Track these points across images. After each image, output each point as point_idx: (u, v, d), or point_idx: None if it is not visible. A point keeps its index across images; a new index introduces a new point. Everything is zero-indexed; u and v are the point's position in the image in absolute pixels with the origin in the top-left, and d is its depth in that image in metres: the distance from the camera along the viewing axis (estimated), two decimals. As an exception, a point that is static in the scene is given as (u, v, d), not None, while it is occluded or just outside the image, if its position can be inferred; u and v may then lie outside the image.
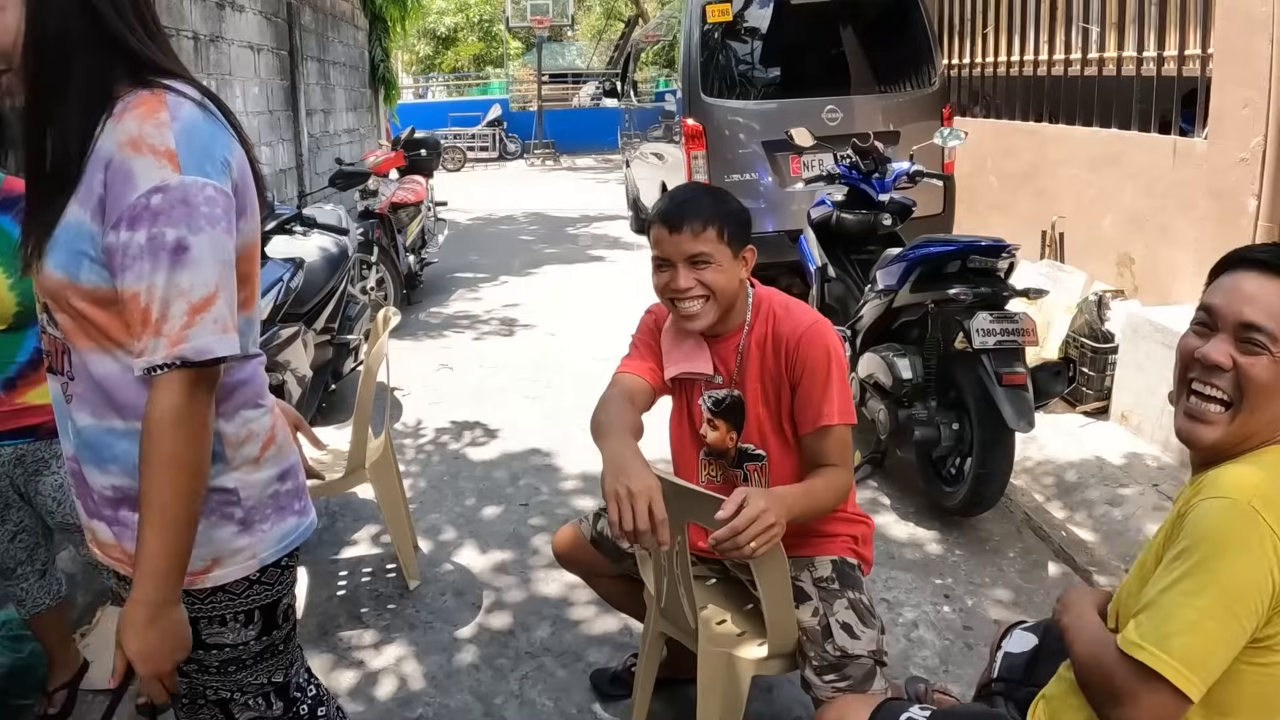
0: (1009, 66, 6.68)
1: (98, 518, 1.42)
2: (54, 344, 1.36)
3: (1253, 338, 1.34)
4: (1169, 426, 3.95)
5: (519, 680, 2.72)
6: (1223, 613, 1.23)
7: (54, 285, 1.27)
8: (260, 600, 1.47)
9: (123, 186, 1.20)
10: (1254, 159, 4.00)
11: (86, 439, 1.36)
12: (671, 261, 2.01)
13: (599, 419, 1.96)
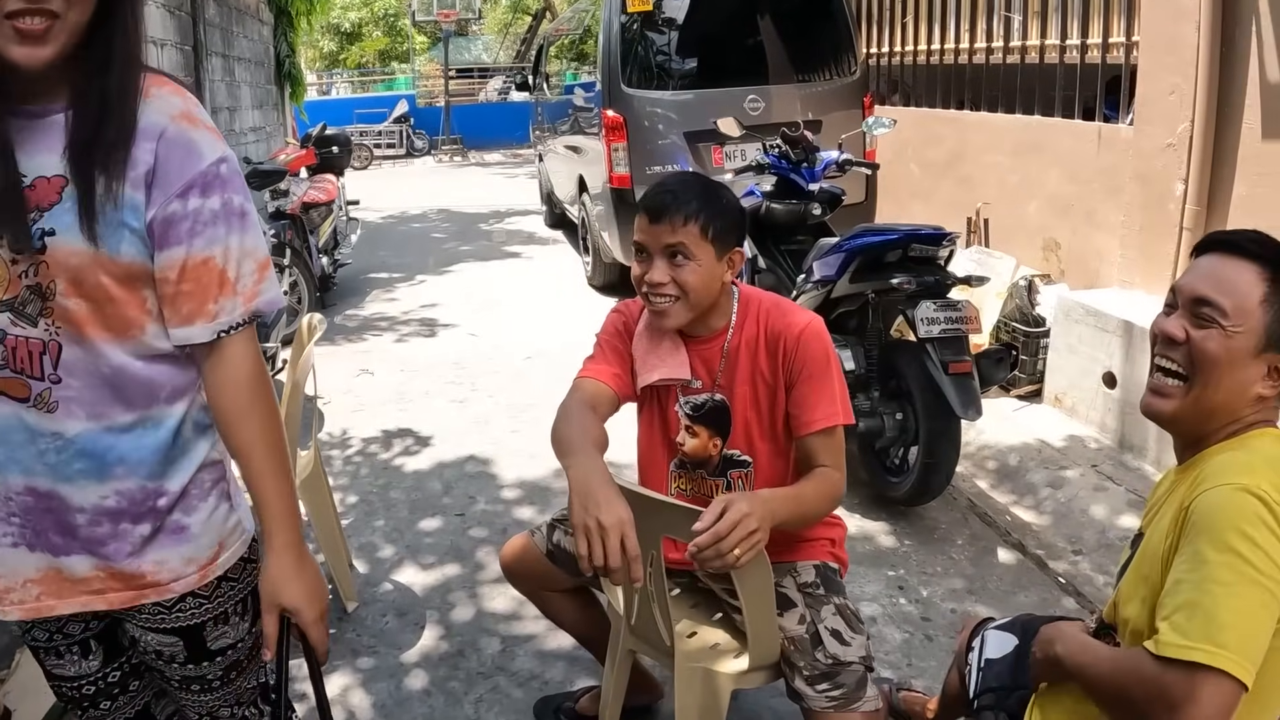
0: (929, 55, 6.72)
1: (72, 552, 1.31)
2: (29, 346, 1.22)
3: (1203, 312, 1.37)
4: (1103, 408, 4.05)
5: (474, 704, 2.56)
6: (1264, 595, 1.22)
7: (80, 263, 1.19)
8: (251, 582, 1.46)
9: (185, 156, 1.22)
10: (1181, 144, 4.05)
11: (82, 448, 1.26)
12: (649, 252, 1.89)
13: (562, 432, 1.81)
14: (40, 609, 1.34)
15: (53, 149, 1.19)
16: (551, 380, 5.24)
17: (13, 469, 1.27)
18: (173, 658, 1.42)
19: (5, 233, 1.17)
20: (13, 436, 1.25)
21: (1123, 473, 3.78)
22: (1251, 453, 1.34)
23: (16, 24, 1.09)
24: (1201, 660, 1.20)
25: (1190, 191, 4.01)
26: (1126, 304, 4.19)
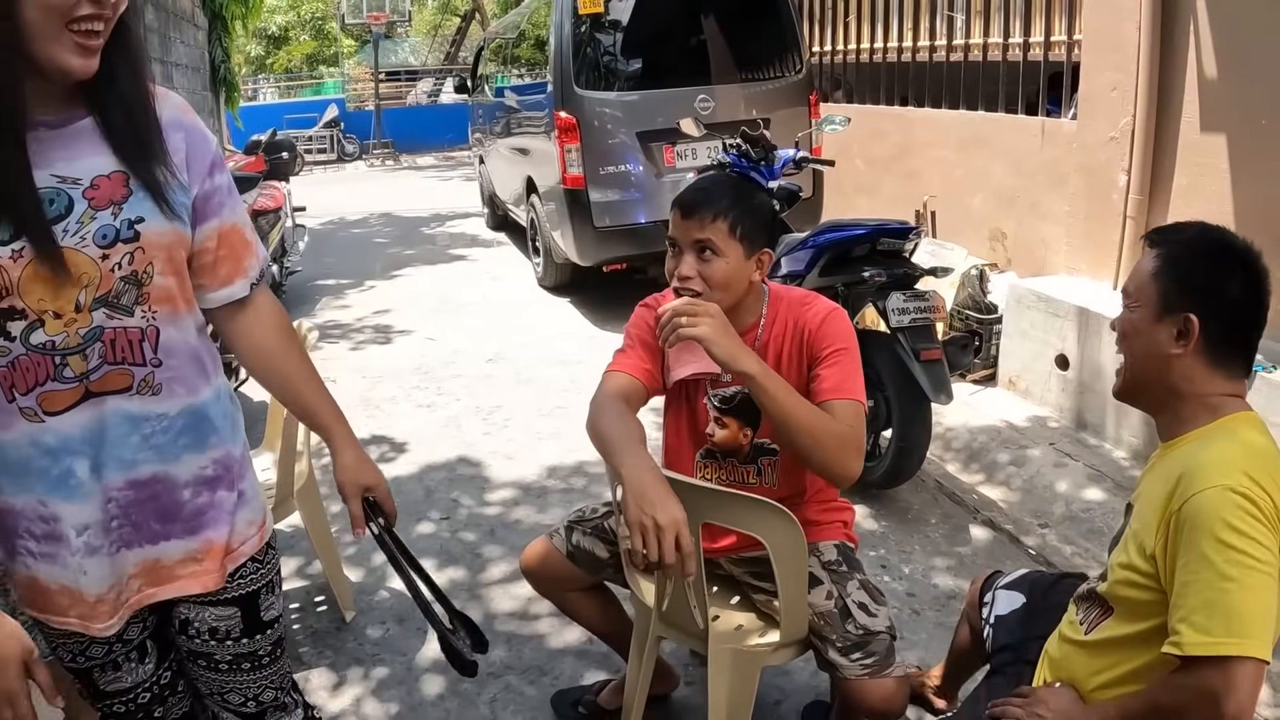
0: (872, 53, 6.90)
1: (171, 536, 1.40)
2: (129, 335, 1.30)
3: (1125, 300, 1.60)
4: (1057, 389, 4.24)
5: (489, 704, 2.60)
6: (1266, 579, 1.34)
7: (168, 242, 1.32)
8: (276, 561, 1.60)
9: (203, 143, 1.40)
10: (1123, 137, 4.26)
11: (185, 423, 1.37)
12: (679, 246, 1.96)
13: (604, 428, 1.87)
14: (145, 599, 1.41)
15: (96, 151, 1.27)
16: (517, 382, 5.29)
17: (113, 468, 1.32)
18: (228, 633, 1.50)
19: (29, 235, 1.21)
20: (111, 433, 1.31)
21: (1080, 449, 3.97)
22: (1229, 443, 1.45)
23: (77, 36, 1.17)
24: (1232, 653, 1.30)
25: (1133, 182, 4.23)
26: (1075, 290, 4.40)
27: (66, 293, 1.24)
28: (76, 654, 1.46)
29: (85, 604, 1.37)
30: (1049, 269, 5.03)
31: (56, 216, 1.23)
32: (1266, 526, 1.35)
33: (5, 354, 1.25)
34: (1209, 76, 3.92)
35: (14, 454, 1.29)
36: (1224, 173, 3.84)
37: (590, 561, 2.24)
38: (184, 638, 1.51)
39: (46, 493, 1.30)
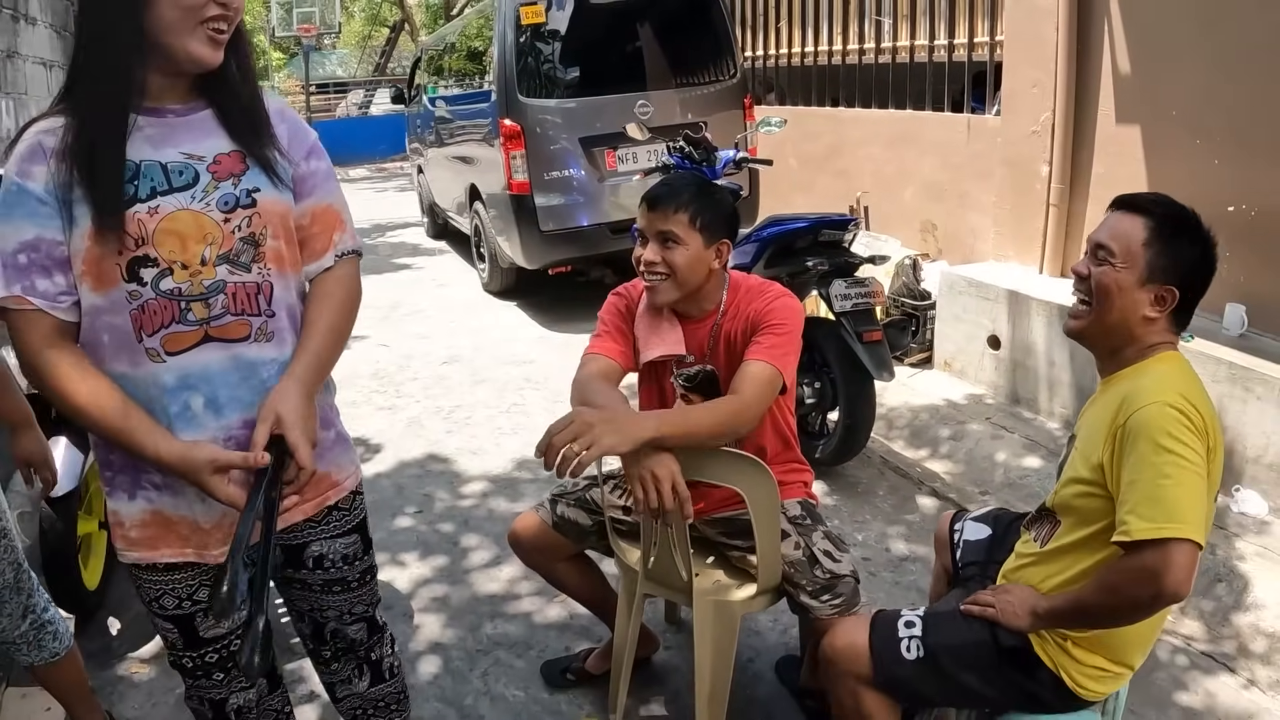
0: (803, 57, 7.18)
1: None
2: (247, 289, 1.48)
3: (1100, 254, 1.74)
4: (990, 368, 4.53)
5: (481, 677, 2.74)
6: (1197, 478, 1.57)
7: (280, 210, 1.52)
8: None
9: (302, 132, 1.60)
10: (1044, 131, 4.55)
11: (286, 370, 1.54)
12: (646, 235, 2.18)
13: (594, 400, 2.06)
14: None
15: (213, 134, 1.49)
16: (473, 382, 5.43)
17: (232, 408, 1.49)
18: (354, 556, 1.76)
19: (99, 202, 1.38)
20: (231, 377, 1.49)
21: (1015, 422, 4.25)
22: (1162, 373, 1.70)
23: (209, 31, 1.38)
24: (1170, 535, 1.50)
25: (1054, 172, 4.53)
26: (1004, 274, 4.68)
27: (193, 248, 1.43)
28: (183, 599, 1.61)
29: (202, 532, 1.53)
30: (978, 256, 5.32)
31: (184, 185, 1.43)
32: (1196, 436, 1.58)
33: (137, 298, 1.42)
34: (1123, 72, 4.23)
35: (141, 392, 1.45)
36: (1139, 161, 4.15)
37: (575, 530, 2.41)
38: (320, 572, 1.73)
39: (168, 427, 1.45)
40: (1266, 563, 2.95)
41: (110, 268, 1.40)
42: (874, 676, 1.83)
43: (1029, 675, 1.76)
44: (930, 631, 1.83)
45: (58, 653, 2.23)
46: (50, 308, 1.41)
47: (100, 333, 1.44)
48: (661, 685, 2.67)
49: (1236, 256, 3.64)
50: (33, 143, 1.40)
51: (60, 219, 1.39)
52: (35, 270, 1.40)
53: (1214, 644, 2.76)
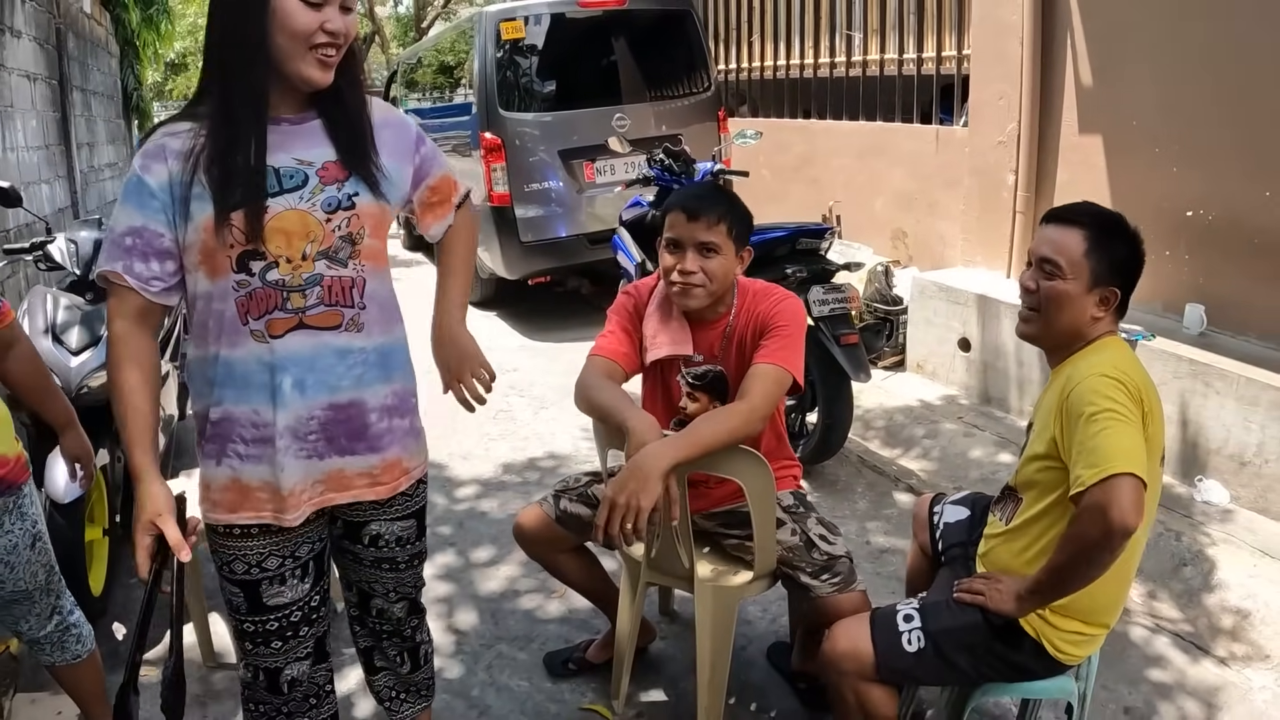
0: (775, 70, 7.35)
1: (357, 452, 1.72)
2: (342, 283, 1.65)
3: (1046, 268, 1.91)
4: (962, 370, 4.70)
5: (486, 670, 2.83)
6: (1130, 426, 1.73)
7: (376, 213, 1.68)
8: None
9: (406, 130, 1.79)
10: (1010, 142, 4.75)
11: (377, 357, 1.71)
12: (683, 246, 2.24)
13: (599, 397, 2.20)
14: (323, 502, 1.73)
15: (322, 143, 1.65)
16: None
17: (320, 391, 1.65)
18: (409, 539, 1.91)
19: (244, 202, 1.55)
20: (320, 362, 1.64)
21: (986, 421, 4.41)
22: (1102, 354, 1.88)
23: (318, 56, 1.55)
24: (1109, 472, 1.64)
25: (1020, 180, 4.72)
26: (973, 279, 4.87)
27: (297, 244, 1.59)
28: (252, 565, 1.73)
29: (280, 498, 1.66)
30: (947, 262, 5.50)
31: (294, 187, 1.59)
32: (1129, 398, 1.75)
33: (246, 286, 1.58)
34: (1085, 85, 4.43)
35: (241, 369, 1.62)
36: (1100, 169, 4.35)
37: (577, 524, 2.52)
38: (373, 549, 1.87)
39: (262, 402, 1.62)
40: (1230, 547, 3.12)
41: (222, 260, 1.57)
42: (877, 672, 1.94)
43: (1015, 647, 1.89)
44: (929, 620, 1.95)
45: (80, 655, 2.29)
46: (141, 289, 1.59)
47: (208, 317, 1.62)
48: (659, 673, 2.78)
49: (1195, 259, 3.84)
50: (159, 143, 1.58)
51: (167, 214, 1.57)
52: (135, 254, 1.58)
53: (1182, 623, 2.92)
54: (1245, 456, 3.35)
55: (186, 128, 1.58)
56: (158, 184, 1.56)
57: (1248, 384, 3.33)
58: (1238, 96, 3.73)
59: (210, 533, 1.76)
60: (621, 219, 5.64)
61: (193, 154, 1.56)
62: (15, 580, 2.08)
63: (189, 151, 1.56)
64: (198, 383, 1.70)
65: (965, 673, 1.95)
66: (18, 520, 2.04)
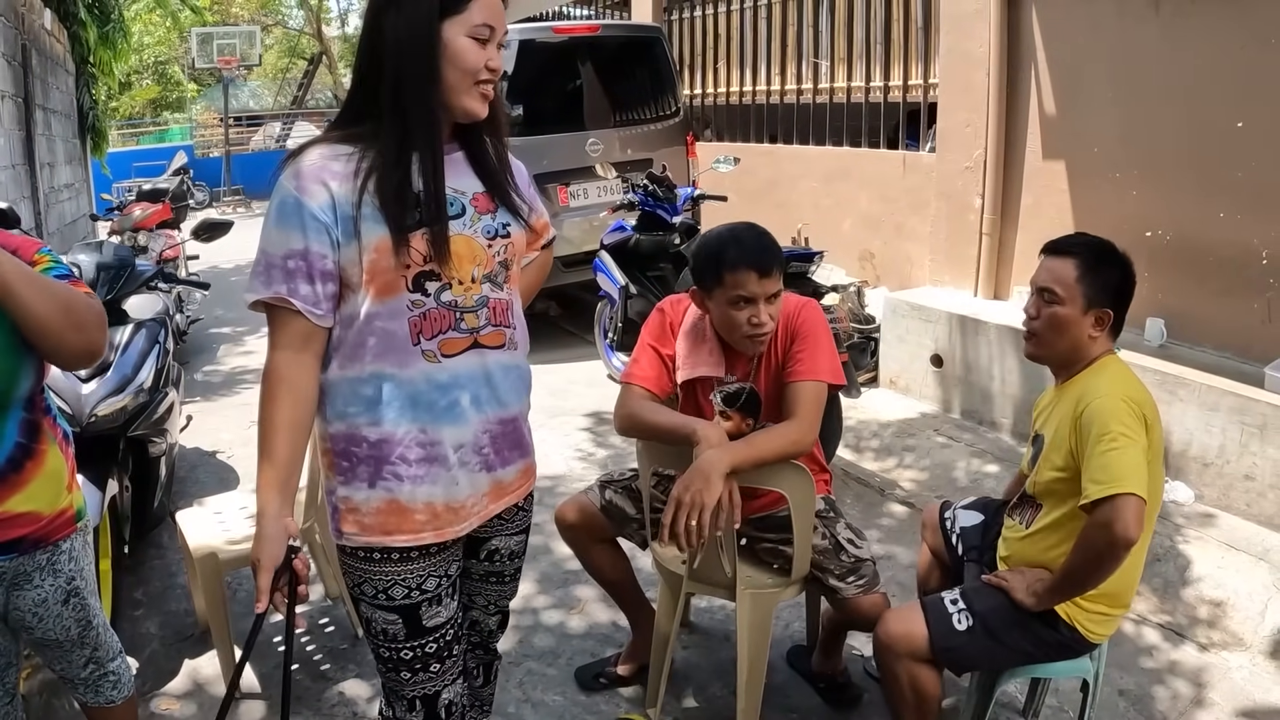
0: (741, 96, 7.58)
1: (513, 461, 1.81)
2: (502, 304, 1.73)
3: (1046, 296, 2.15)
4: (934, 385, 4.93)
5: (519, 686, 2.91)
6: (1137, 450, 1.95)
7: (521, 242, 1.79)
8: None
9: (522, 170, 1.86)
10: (977, 167, 5.01)
11: (524, 374, 1.81)
12: (755, 300, 2.28)
13: (654, 419, 2.35)
14: (487, 514, 1.79)
15: (467, 175, 1.73)
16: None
17: (493, 406, 1.72)
18: (519, 553, 1.98)
19: (426, 224, 1.62)
20: (495, 378, 1.72)
21: (962, 432, 4.63)
22: (1108, 375, 2.10)
23: (481, 90, 1.64)
24: (1114, 491, 1.87)
25: (987, 204, 4.98)
26: (942, 298, 5.10)
27: (466, 267, 1.67)
28: (413, 588, 1.72)
29: (449, 513, 1.70)
30: (914, 282, 5.74)
31: (456, 214, 1.67)
32: (1135, 419, 1.98)
33: (420, 306, 1.63)
34: (1049, 113, 4.71)
35: (408, 389, 1.64)
36: (1064, 193, 4.62)
37: (620, 515, 2.66)
38: (488, 564, 1.93)
39: (432, 421, 1.66)
40: (1200, 543, 3.38)
41: (395, 279, 1.60)
42: (931, 651, 2.12)
43: (1053, 628, 2.10)
44: (974, 602, 2.14)
45: (114, 700, 2.23)
46: (307, 311, 1.59)
47: (368, 336, 1.63)
48: (687, 680, 2.91)
49: (1155, 276, 4.11)
50: (317, 164, 1.60)
51: (331, 235, 1.58)
52: (300, 276, 1.58)
53: (1162, 614, 3.16)
54: (1208, 458, 3.61)
55: (348, 150, 1.61)
56: (319, 205, 1.57)
57: (1208, 391, 3.60)
58: (1192, 124, 4.03)
59: (355, 559, 1.72)
60: (603, 243, 5.79)
61: (359, 175, 1.59)
62: (45, 630, 2.02)
63: (354, 173, 1.59)
64: (341, 403, 1.66)
65: (1012, 650, 2.13)
66: (49, 576, 1.97)
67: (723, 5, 7.76)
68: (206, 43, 19.57)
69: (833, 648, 2.79)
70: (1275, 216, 3.76)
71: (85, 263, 3.67)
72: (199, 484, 4.53)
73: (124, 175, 16.52)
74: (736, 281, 2.27)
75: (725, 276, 2.28)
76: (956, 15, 5.12)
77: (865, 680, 2.84)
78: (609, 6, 10.44)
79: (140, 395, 3.31)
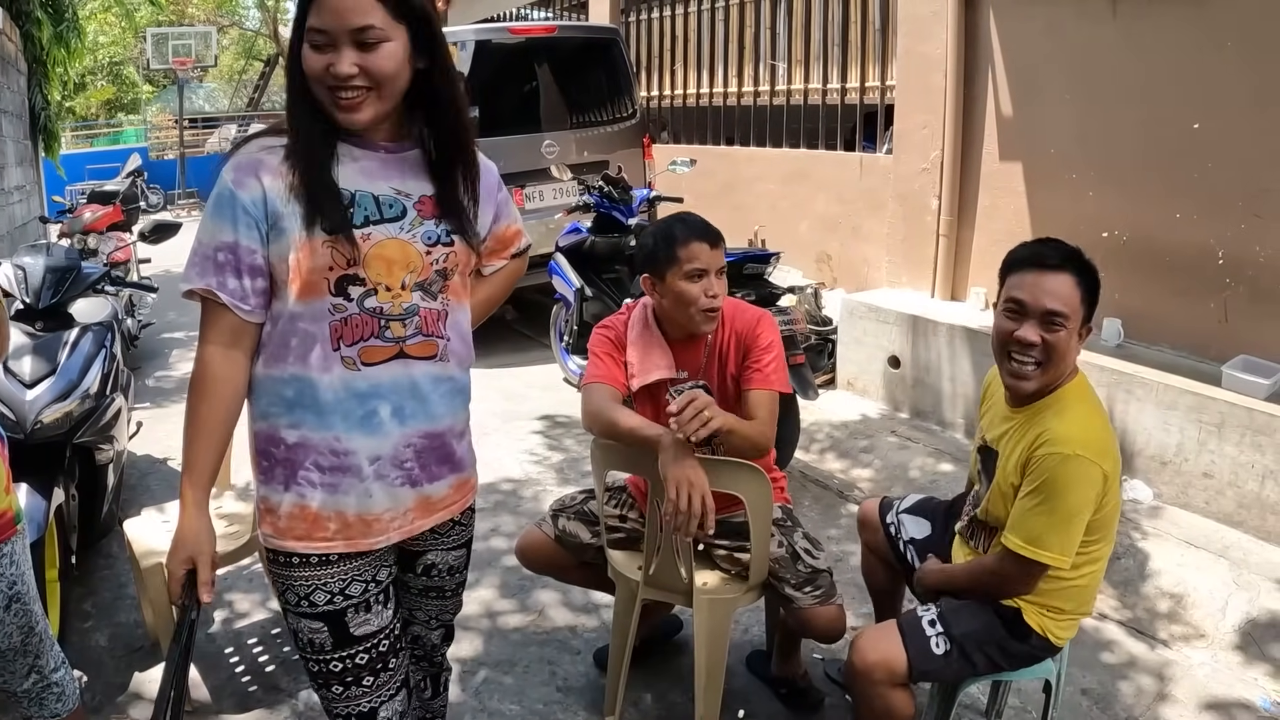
0: (698, 98, 7.57)
1: (443, 476, 1.73)
2: (432, 314, 1.64)
3: (1054, 321, 1.96)
4: (891, 386, 4.95)
5: (474, 696, 2.85)
6: (1075, 522, 1.95)
7: (466, 253, 1.69)
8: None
9: (490, 174, 1.79)
10: (934, 168, 5.04)
11: (458, 386, 1.73)
12: (708, 272, 2.37)
13: (620, 420, 2.29)
14: (411, 530, 1.72)
15: (419, 177, 1.65)
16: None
17: (419, 419, 1.65)
18: (459, 568, 1.92)
19: (330, 224, 1.53)
20: (420, 391, 1.64)
21: (919, 433, 4.65)
22: (1072, 416, 1.97)
23: (338, 98, 1.51)
24: (1028, 556, 1.95)
25: (944, 205, 5.00)
26: (899, 300, 5.11)
27: (397, 273, 1.58)
28: (335, 593, 1.64)
29: (361, 524, 1.63)
30: (871, 284, 5.76)
31: (394, 216, 1.59)
32: (1091, 492, 1.92)
33: (341, 311, 1.56)
34: (1005, 115, 4.74)
35: (326, 394, 1.57)
36: (1020, 194, 4.65)
37: (575, 544, 2.61)
38: (425, 579, 1.87)
39: (346, 430, 1.59)
40: (1158, 539, 3.41)
41: (318, 280, 1.54)
42: (910, 676, 2.08)
43: (1025, 640, 2.08)
44: (951, 626, 2.10)
45: (59, 714, 2.18)
46: (234, 306, 1.54)
47: (290, 336, 1.57)
48: (646, 687, 2.86)
49: (1112, 276, 4.07)
50: (255, 157, 1.55)
51: (260, 230, 1.53)
52: (229, 269, 1.53)
53: (1124, 610, 3.17)
54: (1166, 457, 3.64)
55: (282, 143, 1.56)
56: (251, 199, 1.52)
57: (1165, 390, 3.63)
58: (1149, 126, 4.07)
59: (276, 564, 1.66)
60: (559, 245, 5.74)
61: (286, 171, 1.54)
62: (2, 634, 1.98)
63: (288, 168, 1.54)
64: (264, 402, 1.61)
65: (982, 667, 2.11)
66: None
67: (680, 7, 7.76)
68: (162, 43, 19.21)
69: (791, 651, 2.76)
70: (1231, 217, 3.81)
71: (30, 265, 3.57)
72: (149, 492, 4.42)
73: (78, 177, 16.17)
74: (690, 255, 2.35)
75: (678, 252, 2.36)
76: (914, 17, 5.15)
77: (826, 684, 2.82)
78: (567, 8, 10.40)
79: (86, 401, 3.23)
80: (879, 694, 2.09)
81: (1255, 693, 2.76)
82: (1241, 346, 3.75)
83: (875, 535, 2.58)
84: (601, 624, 3.17)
